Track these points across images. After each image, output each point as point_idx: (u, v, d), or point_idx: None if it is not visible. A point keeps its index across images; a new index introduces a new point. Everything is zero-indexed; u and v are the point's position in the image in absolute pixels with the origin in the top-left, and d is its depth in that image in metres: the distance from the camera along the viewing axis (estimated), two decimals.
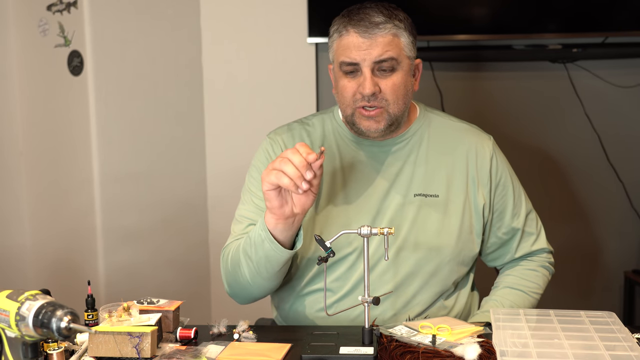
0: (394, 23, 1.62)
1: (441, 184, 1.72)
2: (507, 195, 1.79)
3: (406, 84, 1.66)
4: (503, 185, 1.79)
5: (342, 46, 1.63)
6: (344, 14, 1.66)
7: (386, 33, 1.61)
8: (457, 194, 1.73)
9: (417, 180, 1.71)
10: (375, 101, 1.62)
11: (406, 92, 1.66)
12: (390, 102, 1.63)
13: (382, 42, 1.60)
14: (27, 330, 1.17)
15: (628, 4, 2.90)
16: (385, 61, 1.61)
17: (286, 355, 1.45)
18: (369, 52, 1.60)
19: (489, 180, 1.76)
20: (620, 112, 3.10)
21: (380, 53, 1.60)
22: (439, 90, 3.05)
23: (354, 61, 1.61)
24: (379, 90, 1.62)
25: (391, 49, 1.61)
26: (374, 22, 1.61)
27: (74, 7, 2.66)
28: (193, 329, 1.55)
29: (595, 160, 3.11)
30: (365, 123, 1.65)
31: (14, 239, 2.95)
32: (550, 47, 2.96)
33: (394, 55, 1.61)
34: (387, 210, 1.70)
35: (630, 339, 1.39)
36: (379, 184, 1.71)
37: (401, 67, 1.64)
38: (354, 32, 1.61)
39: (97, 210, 2.72)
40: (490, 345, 1.41)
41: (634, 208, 3.14)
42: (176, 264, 2.93)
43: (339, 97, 1.69)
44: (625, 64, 3.07)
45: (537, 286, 1.81)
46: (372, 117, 1.64)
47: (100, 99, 2.69)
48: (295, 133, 1.78)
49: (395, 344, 1.46)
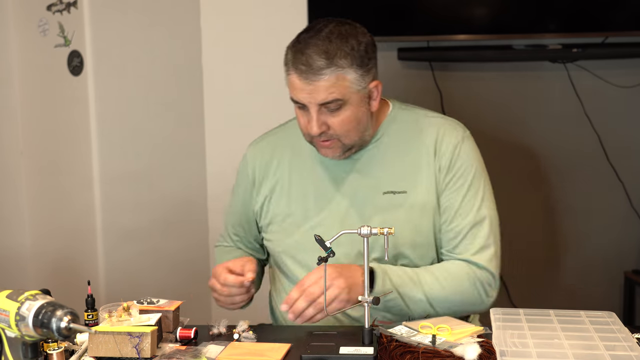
0: (336, 65, 1.57)
1: (408, 180, 1.69)
2: (461, 189, 1.69)
3: (357, 115, 1.63)
4: (459, 176, 1.69)
5: (289, 82, 1.62)
6: (291, 47, 1.62)
7: (328, 77, 1.57)
8: (425, 189, 1.69)
9: (385, 178, 1.70)
10: (325, 136, 1.63)
11: (358, 123, 1.64)
12: (341, 136, 1.63)
13: (324, 86, 1.57)
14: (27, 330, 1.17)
15: (628, 4, 2.90)
16: (330, 102, 1.59)
17: (286, 355, 1.45)
18: (313, 96, 1.58)
19: (447, 167, 1.69)
20: (620, 112, 3.10)
21: (324, 97, 1.58)
22: (439, 90, 3.05)
23: (299, 101, 1.61)
24: (327, 128, 1.61)
25: (335, 90, 1.58)
26: (315, 67, 1.56)
27: (74, 7, 2.66)
28: (193, 329, 1.55)
29: (595, 160, 3.11)
30: (322, 151, 1.68)
31: (13, 239, 2.95)
32: (550, 47, 2.96)
33: (339, 97, 1.58)
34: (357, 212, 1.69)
35: (630, 339, 1.39)
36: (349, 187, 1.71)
37: (349, 103, 1.61)
38: (295, 75, 1.58)
39: (97, 210, 2.72)
40: (490, 345, 1.41)
41: (634, 208, 3.14)
42: (176, 264, 2.93)
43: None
44: (625, 64, 3.07)
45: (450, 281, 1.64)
46: (327, 147, 1.65)
47: (100, 99, 2.68)
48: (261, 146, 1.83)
49: (395, 344, 1.46)
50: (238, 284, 1.63)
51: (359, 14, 3.03)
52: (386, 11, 2.97)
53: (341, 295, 1.51)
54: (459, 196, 1.69)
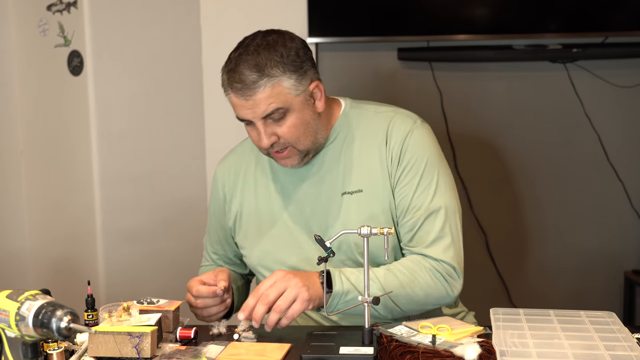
0: (268, 76, 1.57)
1: (362, 177, 1.69)
2: (412, 181, 1.67)
3: (304, 118, 1.63)
4: (410, 168, 1.67)
5: (231, 102, 1.64)
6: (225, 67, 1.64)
7: (263, 89, 1.58)
8: (378, 184, 1.68)
9: (341, 179, 1.70)
10: (278, 146, 1.64)
11: (307, 127, 1.64)
12: (293, 142, 1.64)
13: (262, 98, 1.58)
14: (27, 330, 1.17)
15: (628, 4, 2.90)
16: (272, 113, 1.59)
17: (286, 355, 1.45)
18: (254, 110, 1.59)
19: (398, 159, 1.67)
20: (620, 112, 3.10)
21: (264, 109, 1.59)
22: (439, 90, 3.05)
23: (245, 118, 1.62)
24: (277, 138, 1.62)
25: (273, 100, 1.58)
26: (248, 82, 1.57)
27: (74, 7, 2.66)
28: (193, 329, 1.55)
29: (595, 160, 3.11)
30: (282, 162, 1.68)
31: (13, 240, 2.95)
32: (550, 47, 2.96)
33: (279, 105, 1.59)
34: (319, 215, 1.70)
35: (630, 339, 1.39)
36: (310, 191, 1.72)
37: (292, 110, 1.61)
38: (233, 94, 1.61)
39: (97, 211, 2.72)
40: (490, 345, 1.41)
41: (634, 208, 3.14)
42: (176, 263, 2.92)
43: None
44: (625, 64, 3.07)
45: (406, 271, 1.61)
46: (284, 157, 1.66)
47: (100, 99, 2.68)
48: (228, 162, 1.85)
49: (395, 344, 1.46)
50: (211, 294, 1.63)
51: (358, 14, 3.05)
52: (386, 11, 2.97)
53: (301, 294, 1.50)
54: (411, 188, 1.66)
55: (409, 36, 3.01)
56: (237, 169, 1.83)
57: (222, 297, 1.64)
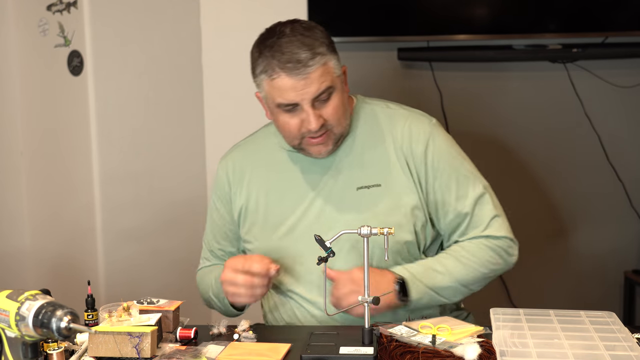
0: (319, 54, 1.58)
1: (381, 172, 1.70)
2: (448, 178, 1.70)
3: (343, 100, 1.65)
4: (442, 169, 1.70)
5: (276, 88, 1.60)
6: (265, 52, 1.60)
7: (316, 67, 1.57)
8: (397, 180, 1.69)
9: (358, 173, 1.70)
10: (320, 130, 1.63)
11: (345, 109, 1.66)
12: (334, 125, 1.64)
13: (316, 77, 1.57)
14: (27, 330, 1.17)
15: (628, 4, 2.90)
16: (323, 92, 1.59)
17: (286, 355, 1.45)
18: (306, 91, 1.58)
19: (423, 165, 1.70)
20: (620, 112, 3.11)
21: (318, 88, 1.58)
22: (439, 90, 3.05)
23: (292, 102, 1.60)
24: (323, 121, 1.62)
25: (325, 79, 1.59)
26: (302, 60, 1.56)
27: (74, 7, 2.66)
28: (193, 329, 1.55)
29: (595, 160, 3.11)
30: (315, 149, 1.67)
31: (13, 239, 2.95)
32: (550, 47, 2.96)
33: (329, 84, 1.60)
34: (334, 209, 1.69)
35: (630, 339, 1.39)
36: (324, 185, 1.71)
37: (336, 89, 1.62)
38: (285, 75, 1.57)
39: (97, 210, 2.72)
40: (490, 345, 1.41)
41: (634, 208, 3.14)
42: (176, 264, 2.92)
43: (281, 131, 1.69)
44: (625, 64, 3.07)
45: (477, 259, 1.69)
46: (320, 144, 1.65)
47: (100, 99, 2.68)
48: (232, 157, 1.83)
49: (395, 344, 1.46)
50: (264, 272, 1.59)
51: (358, 14, 3.05)
52: (386, 11, 2.97)
53: None
54: (451, 183, 1.70)
55: (409, 36, 3.01)
56: (242, 165, 1.80)
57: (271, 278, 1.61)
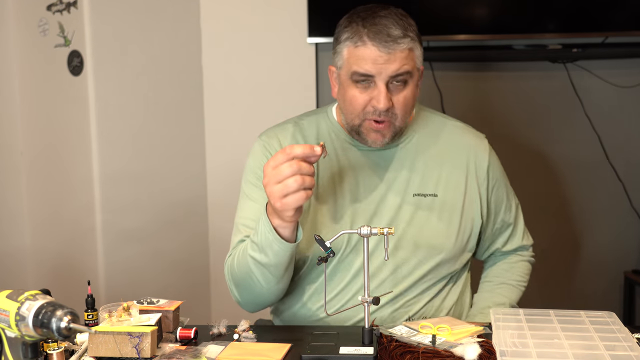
0: (410, 36, 1.58)
1: (439, 183, 1.71)
2: (502, 191, 1.82)
3: (414, 94, 1.64)
4: (499, 183, 1.80)
5: (356, 56, 1.58)
6: (357, 21, 1.59)
7: (404, 48, 1.57)
8: (456, 193, 1.72)
9: (415, 180, 1.70)
10: (385, 115, 1.60)
11: (412, 104, 1.66)
12: (398, 116, 1.62)
13: (400, 56, 1.56)
14: (27, 330, 1.17)
15: (628, 4, 2.90)
16: (400, 75, 1.58)
17: (286, 355, 1.45)
18: (387, 66, 1.56)
19: (486, 179, 1.77)
20: (620, 112, 3.11)
21: (398, 67, 1.57)
22: (439, 90, 3.05)
23: (369, 73, 1.57)
24: (391, 105, 1.60)
25: (407, 63, 1.58)
26: (393, 35, 1.56)
27: (74, 7, 2.66)
28: (193, 329, 1.55)
29: (595, 160, 3.11)
30: (373, 135, 1.64)
31: (13, 239, 2.95)
32: (550, 47, 2.96)
33: (410, 69, 1.59)
34: (385, 211, 1.69)
35: (630, 339, 1.39)
36: (377, 185, 1.70)
37: (412, 80, 1.61)
38: (372, 44, 1.56)
39: (97, 210, 2.72)
40: (490, 345, 1.41)
41: (634, 208, 3.14)
42: (176, 264, 2.93)
43: (345, 106, 1.64)
44: (625, 64, 3.07)
45: (525, 280, 1.89)
46: (379, 131, 1.63)
47: (100, 99, 2.69)
48: (287, 133, 1.74)
49: (395, 344, 1.46)
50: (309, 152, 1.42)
51: None
52: None
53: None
54: (503, 198, 1.82)
55: None
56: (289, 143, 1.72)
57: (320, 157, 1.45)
